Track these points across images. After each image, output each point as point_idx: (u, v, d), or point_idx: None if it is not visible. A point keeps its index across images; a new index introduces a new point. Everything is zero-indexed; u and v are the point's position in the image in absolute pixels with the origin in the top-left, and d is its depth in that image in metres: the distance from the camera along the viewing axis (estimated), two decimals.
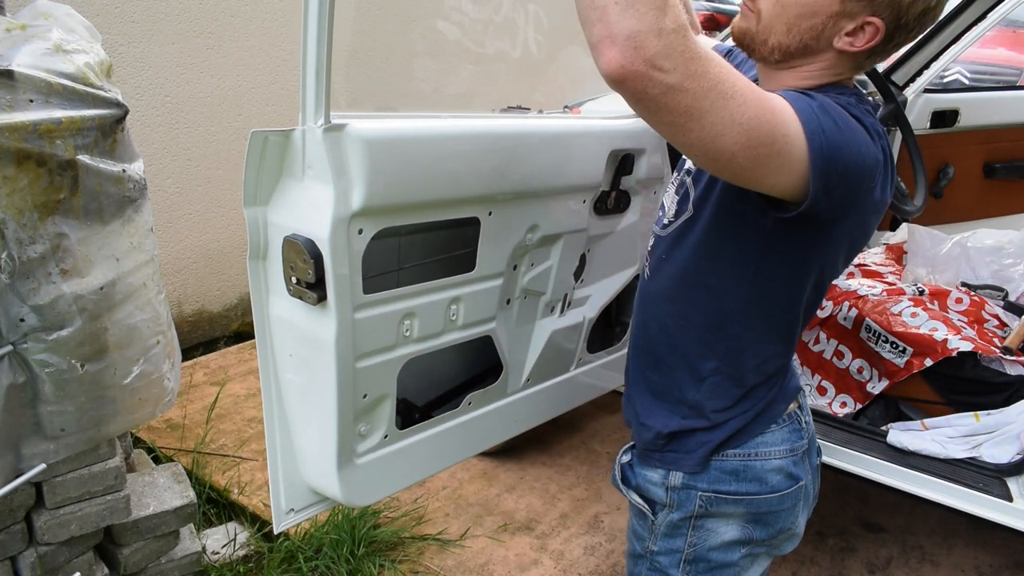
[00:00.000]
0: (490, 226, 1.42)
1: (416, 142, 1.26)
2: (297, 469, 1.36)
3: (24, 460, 1.57)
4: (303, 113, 1.14)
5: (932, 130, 3.16)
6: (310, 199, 1.17)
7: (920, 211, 2.41)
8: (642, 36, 0.81)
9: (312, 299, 1.19)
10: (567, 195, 1.60)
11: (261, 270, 1.25)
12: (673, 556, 1.25)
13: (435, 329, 1.40)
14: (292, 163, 1.18)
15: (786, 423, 1.25)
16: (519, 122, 1.59)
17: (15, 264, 1.38)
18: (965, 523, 2.43)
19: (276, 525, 1.38)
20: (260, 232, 1.22)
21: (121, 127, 1.50)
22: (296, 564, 2.04)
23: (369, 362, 1.29)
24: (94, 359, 1.54)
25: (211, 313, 3.33)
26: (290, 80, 3.28)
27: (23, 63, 1.35)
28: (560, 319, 1.73)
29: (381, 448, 1.39)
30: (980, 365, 2.03)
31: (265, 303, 1.27)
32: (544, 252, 1.60)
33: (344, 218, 1.17)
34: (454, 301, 1.41)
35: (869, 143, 1.04)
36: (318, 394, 1.27)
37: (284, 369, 1.30)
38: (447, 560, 2.15)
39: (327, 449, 1.30)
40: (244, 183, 1.18)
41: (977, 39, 3.02)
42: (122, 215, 1.54)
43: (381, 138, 1.20)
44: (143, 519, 1.82)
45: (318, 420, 1.29)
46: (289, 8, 3.22)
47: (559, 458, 2.59)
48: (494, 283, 1.49)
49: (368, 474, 1.38)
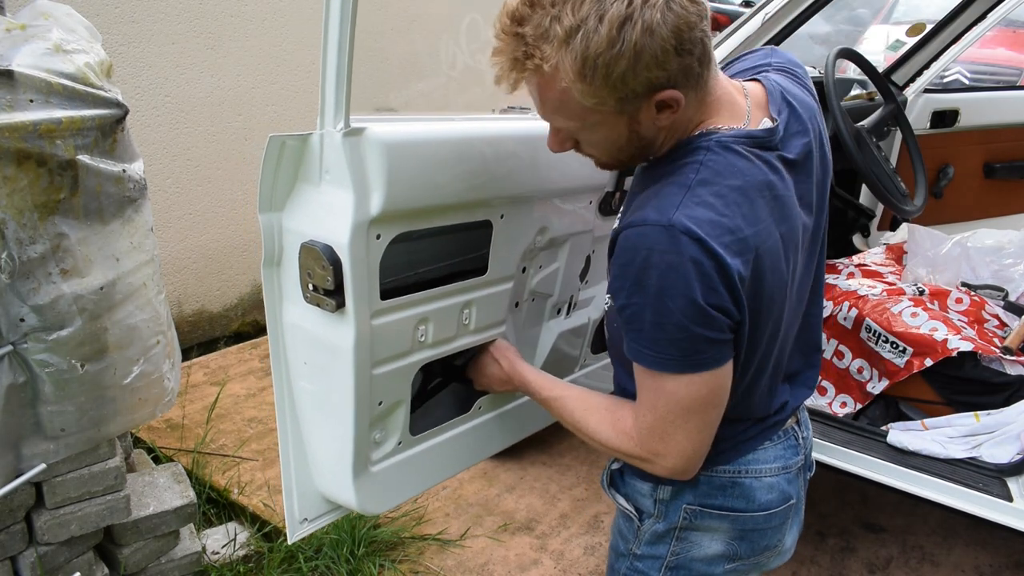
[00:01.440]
0: (502, 229, 1.41)
1: (433, 145, 1.25)
2: (310, 478, 1.35)
3: (24, 460, 1.57)
4: (321, 117, 1.12)
5: (932, 130, 3.17)
6: (328, 204, 1.15)
7: (920, 211, 2.42)
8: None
9: (331, 306, 1.17)
10: (575, 196, 1.60)
11: (275, 277, 1.23)
12: (655, 561, 1.25)
13: (448, 334, 1.38)
14: (309, 168, 1.16)
15: (781, 439, 1.23)
16: (533, 124, 1.59)
17: (15, 264, 1.38)
18: (965, 523, 2.42)
19: (290, 535, 1.36)
20: (275, 238, 1.20)
21: (121, 127, 1.50)
22: (296, 564, 2.04)
23: (385, 368, 1.28)
24: (94, 359, 1.54)
25: (211, 313, 3.33)
26: (290, 80, 3.28)
27: (23, 63, 1.35)
28: (566, 321, 1.73)
29: (395, 455, 1.38)
30: (980, 365, 2.03)
31: (279, 310, 1.25)
32: (551, 254, 1.60)
33: (363, 223, 1.15)
34: (467, 305, 1.40)
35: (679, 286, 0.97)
36: (334, 402, 1.25)
37: (298, 377, 1.28)
38: (447, 560, 2.15)
39: (343, 458, 1.28)
40: (260, 188, 1.16)
41: (977, 39, 3.02)
42: (122, 215, 1.54)
43: (400, 142, 1.18)
44: (143, 519, 1.82)
45: (333, 428, 1.28)
46: (289, 8, 3.22)
47: (559, 458, 2.59)
48: (505, 286, 1.48)
49: (382, 481, 1.37)
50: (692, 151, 1.05)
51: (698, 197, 0.99)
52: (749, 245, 1.00)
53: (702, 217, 0.97)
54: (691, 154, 1.05)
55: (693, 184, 1.00)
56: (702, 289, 0.96)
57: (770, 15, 2.13)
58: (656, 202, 1.01)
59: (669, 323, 0.98)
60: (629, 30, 0.92)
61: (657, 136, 1.07)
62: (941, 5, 3.98)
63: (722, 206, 0.99)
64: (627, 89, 0.97)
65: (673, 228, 0.96)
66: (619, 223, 1.07)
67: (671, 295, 0.96)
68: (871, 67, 2.51)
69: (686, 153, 1.05)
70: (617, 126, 1.04)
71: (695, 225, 0.96)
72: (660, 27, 0.93)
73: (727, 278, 0.97)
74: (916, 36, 3.03)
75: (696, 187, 1.00)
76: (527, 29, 0.97)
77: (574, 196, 1.60)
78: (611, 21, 0.92)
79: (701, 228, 0.96)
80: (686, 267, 0.95)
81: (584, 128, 1.06)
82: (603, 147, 1.10)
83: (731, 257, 0.97)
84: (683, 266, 0.95)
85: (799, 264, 1.15)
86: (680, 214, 0.97)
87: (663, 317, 0.98)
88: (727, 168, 1.02)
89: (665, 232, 0.96)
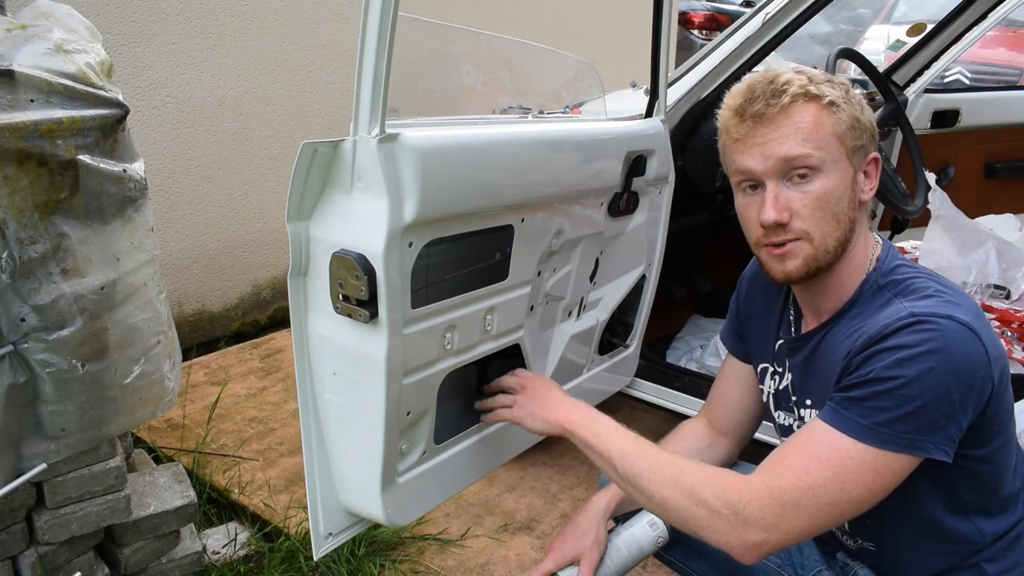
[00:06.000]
0: (522, 233, 1.40)
1: (464, 150, 1.23)
2: (334, 491, 1.32)
3: (25, 460, 1.57)
4: (355, 123, 1.09)
5: (933, 130, 3.17)
6: (360, 213, 1.12)
7: (920, 211, 2.41)
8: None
9: (364, 316, 1.14)
10: (588, 198, 1.60)
11: (301, 287, 1.20)
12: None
13: (473, 340, 1.37)
14: (339, 175, 1.13)
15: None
16: (556, 126, 1.59)
17: (16, 264, 1.38)
18: None
19: (316, 551, 1.33)
20: (302, 248, 1.17)
21: (122, 127, 1.50)
22: (296, 564, 2.04)
23: (414, 378, 1.26)
24: (95, 359, 1.54)
25: (212, 313, 3.33)
26: (290, 80, 3.28)
27: (24, 63, 1.35)
28: (576, 323, 1.73)
29: (420, 465, 1.36)
30: None
31: (305, 322, 1.21)
32: (564, 256, 1.60)
33: (397, 231, 1.13)
34: (490, 311, 1.39)
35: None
36: (363, 414, 1.22)
37: (323, 389, 1.25)
38: (448, 560, 2.15)
39: (371, 470, 1.26)
40: (289, 197, 1.13)
41: (978, 39, 3.02)
42: (123, 215, 1.54)
43: (433, 147, 1.17)
44: (144, 519, 1.82)
45: (361, 440, 1.25)
46: (289, 8, 3.22)
47: (560, 458, 2.59)
48: (524, 290, 1.47)
49: (408, 492, 1.35)
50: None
51: None
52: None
53: None
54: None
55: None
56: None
57: (771, 15, 2.13)
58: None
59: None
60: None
61: (858, 212, 1.21)
62: (942, 5, 3.98)
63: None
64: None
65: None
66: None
67: None
68: (872, 67, 2.51)
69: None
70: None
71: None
72: None
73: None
74: (917, 36, 3.02)
75: None
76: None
77: (588, 198, 1.60)
78: None
79: None
80: None
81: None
82: (828, 197, 1.18)
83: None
84: None
85: None
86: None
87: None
88: None
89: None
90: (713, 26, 8.18)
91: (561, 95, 2.10)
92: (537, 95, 1.99)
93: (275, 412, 2.71)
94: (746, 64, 2.19)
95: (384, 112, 1.09)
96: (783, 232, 1.14)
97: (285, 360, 3.10)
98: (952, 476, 1.13)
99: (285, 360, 3.10)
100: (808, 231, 1.13)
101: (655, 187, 1.84)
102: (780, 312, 1.37)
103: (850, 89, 1.18)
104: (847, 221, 1.15)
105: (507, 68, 1.95)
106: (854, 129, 1.14)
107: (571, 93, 2.16)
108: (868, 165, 1.18)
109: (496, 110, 2.08)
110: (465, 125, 1.34)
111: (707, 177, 2.30)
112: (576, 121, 1.83)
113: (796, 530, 1.06)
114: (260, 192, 3.33)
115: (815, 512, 1.05)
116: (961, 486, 1.16)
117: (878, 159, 1.18)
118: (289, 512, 2.17)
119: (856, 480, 1.04)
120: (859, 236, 1.19)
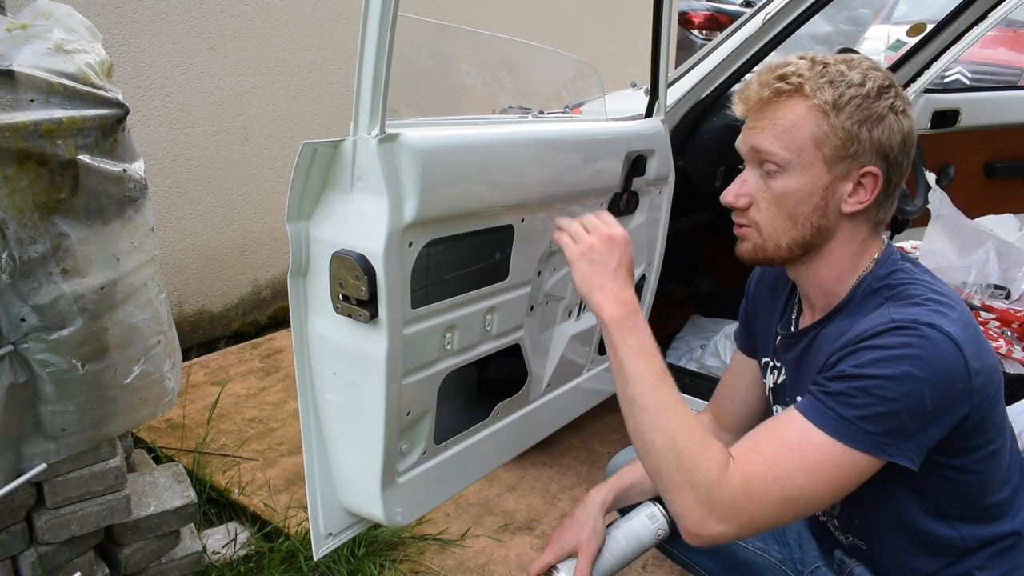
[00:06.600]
0: (522, 232, 1.40)
1: (464, 150, 1.24)
2: (334, 491, 1.32)
3: (25, 460, 1.57)
4: (355, 123, 1.09)
5: (933, 130, 3.16)
6: (360, 213, 1.13)
7: (920, 211, 2.41)
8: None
9: (364, 316, 1.14)
10: (588, 198, 1.60)
11: (301, 287, 1.20)
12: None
13: (473, 340, 1.37)
14: (339, 175, 1.14)
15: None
16: (556, 126, 1.59)
17: (16, 264, 1.38)
18: None
19: (316, 551, 1.34)
20: (302, 248, 1.17)
21: (122, 127, 1.50)
22: (296, 564, 2.04)
23: (414, 378, 1.26)
24: (95, 359, 1.54)
25: (212, 313, 3.33)
26: (290, 80, 3.28)
27: (24, 63, 1.35)
28: (576, 323, 1.73)
29: (420, 465, 1.36)
30: None
31: (304, 321, 1.22)
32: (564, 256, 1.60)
33: (397, 231, 1.13)
34: (490, 311, 1.39)
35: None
36: (363, 414, 1.23)
37: (324, 389, 1.25)
38: (448, 560, 2.15)
39: (371, 470, 1.26)
40: (289, 197, 1.13)
41: (977, 39, 3.02)
42: (123, 215, 1.54)
43: (433, 147, 1.17)
44: (144, 519, 1.82)
45: (361, 440, 1.25)
46: (289, 8, 3.22)
47: (560, 458, 2.59)
48: (524, 290, 1.47)
49: (408, 492, 1.35)
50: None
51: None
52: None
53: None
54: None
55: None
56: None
57: (771, 15, 2.13)
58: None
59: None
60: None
61: (842, 222, 1.20)
62: (942, 5, 3.98)
63: None
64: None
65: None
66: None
67: None
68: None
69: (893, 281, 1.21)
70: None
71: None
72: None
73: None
74: (917, 36, 3.02)
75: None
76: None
77: (588, 197, 1.60)
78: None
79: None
80: None
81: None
82: (788, 197, 1.19)
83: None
84: None
85: None
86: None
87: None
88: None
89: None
90: (713, 26, 8.19)
91: (561, 95, 2.10)
92: (537, 95, 1.99)
93: (275, 412, 2.71)
94: (746, 64, 2.19)
95: (384, 112, 1.09)
96: (742, 216, 1.20)
97: (285, 360, 3.10)
98: (929, 482, 1.13)
99: (285, 360, 3.10)
100: (759, 223, 1.18)
101: (655, 187, 1.84)
102: (783, 307, 1.38)
103: (875, 96, 1.11)
104: (808, 226, 1.15)
105: (507, 68, 1.95)
106: (842, 139, 1.11)
107: (571, 93, 2.16)
108: (862, 178, 1.14)
109: (496, 110, 2.08)
110: (465, 125, 1.35)
111: (707, 177, 2.30)
112: (576, 121, 1.83)
113: (755, 523, 1.06)
114: (260, 192, 3.33)
115: (777, 504, 1.04)
116: (938, 493, 1.16)
117: (877, 175, 1.13)
118: (289, 512, 2.17)
119: (821, 475, 1.04)
120: (838, 242, 1.18)
